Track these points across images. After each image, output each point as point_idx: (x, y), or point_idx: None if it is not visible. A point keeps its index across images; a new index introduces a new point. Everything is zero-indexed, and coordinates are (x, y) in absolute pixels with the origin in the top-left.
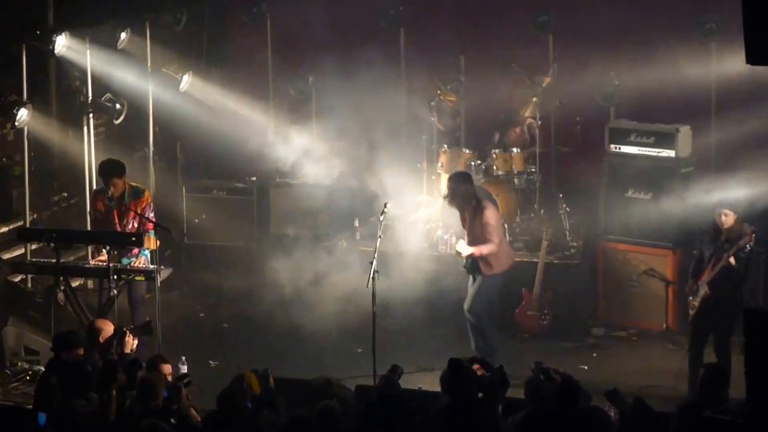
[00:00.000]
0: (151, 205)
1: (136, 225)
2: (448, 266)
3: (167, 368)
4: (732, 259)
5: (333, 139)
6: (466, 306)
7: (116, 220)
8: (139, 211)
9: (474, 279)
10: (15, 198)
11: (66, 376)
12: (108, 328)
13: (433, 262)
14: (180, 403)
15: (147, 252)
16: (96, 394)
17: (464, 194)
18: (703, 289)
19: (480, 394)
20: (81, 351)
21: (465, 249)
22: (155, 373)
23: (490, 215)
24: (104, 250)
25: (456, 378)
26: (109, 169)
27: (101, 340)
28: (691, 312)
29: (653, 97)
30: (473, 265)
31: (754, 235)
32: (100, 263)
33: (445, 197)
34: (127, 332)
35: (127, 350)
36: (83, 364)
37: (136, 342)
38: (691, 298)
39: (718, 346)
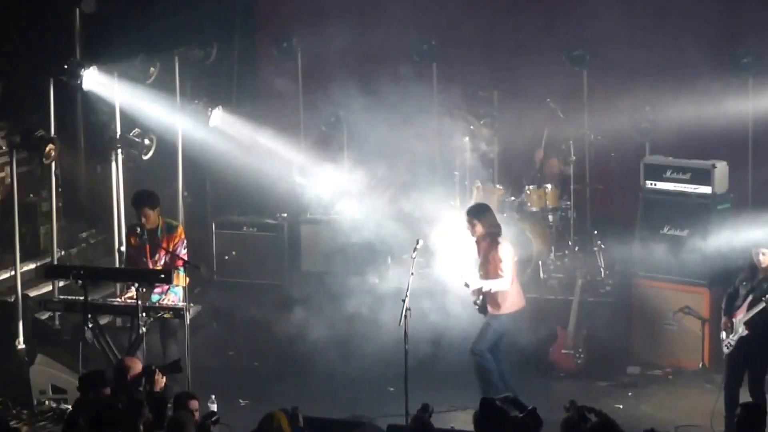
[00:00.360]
0: (184, 241)
1: (167, 260)
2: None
3: (194, 404)
4: None
5: (364, 175)
6: (470, 346)
7: (148, 255)
8: (171, 247)
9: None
10: (42, 234)
11: (94, 416)
12: (136, 367)
13: (464, 299)
14: None
15: (177, 289)
16: None
17: (487, 226)
18: (741, 328)
19: None
20: (108, 390)
21: (474, 282)
22: (184, 412)
23: (505, 252)
24: (132, 287)
25: (487, 417)
26: (142, 199)
27: (129, 378)
28: (726, 350)
29: (689, 133)
30: (484, 303)
31: None
32: (129, 300)
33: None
34: (156, 370)
35: (156, 388)
36: (111, 404)
37: (164, 380)
38: (725, 335)
39: (754, 385)
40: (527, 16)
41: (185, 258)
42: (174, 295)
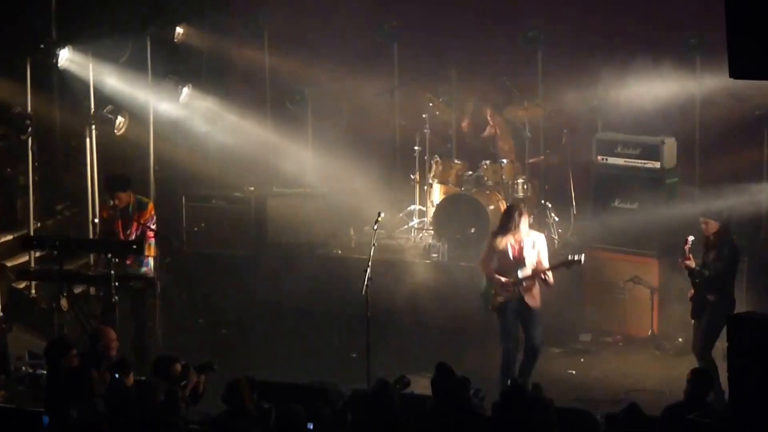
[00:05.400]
0: (154, 217)
1: (138, 235)
2: (439, 274)
3: (177, 368)
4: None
5: (328, 150)
6: (535, 343)
7: (120, 230)
8: (142, 222)
9: (510, 317)
10: (19, 207)
11: (69, 383)
12: (110, 335)
13: (425, 270)
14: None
15: (150, 260)
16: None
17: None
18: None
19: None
20: (74, 354)
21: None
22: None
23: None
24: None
25: (442, 382)
26: (112, 184)
27: (107, 346)
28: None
29: (640, 110)
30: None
31: None
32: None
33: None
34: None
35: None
36: (86, 372)
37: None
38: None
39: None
40: None
41: (156, 230)
42: (148, 267)
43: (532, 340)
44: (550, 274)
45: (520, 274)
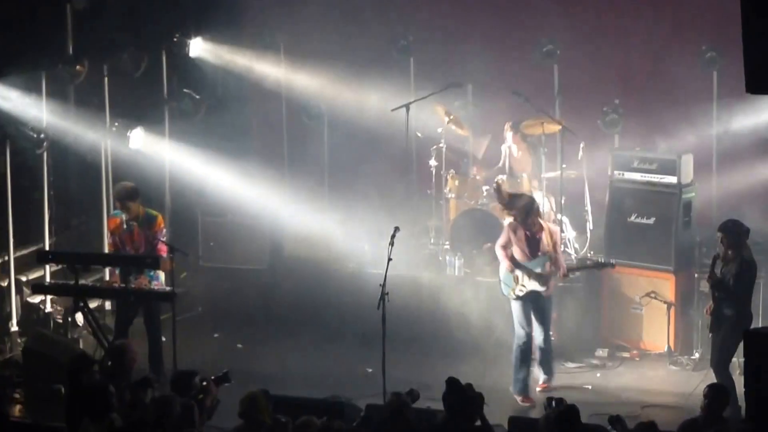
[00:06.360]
0: (164, 230)
1: (147, 248)
2: (454, 289)
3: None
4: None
5: (344, 164)
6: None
7: (128, 242)
8: (153, 232)
9: (529, 305)
10: (34, 221)
11: (89, 399)
12: (131, 349)
13: (441, 284)
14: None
15: (161, 275)
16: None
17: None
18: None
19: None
20: (96, 371)
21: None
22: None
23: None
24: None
25: (453, 397)
26: (122, 194)
27: (128, 360)
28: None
29: (656, 125)
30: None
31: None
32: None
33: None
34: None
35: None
36: (106, 388)
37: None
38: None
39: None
40: (500, 12)
41: (169, 244)
42: (158, 281)
43: (546, 329)
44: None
45: (536, 265)
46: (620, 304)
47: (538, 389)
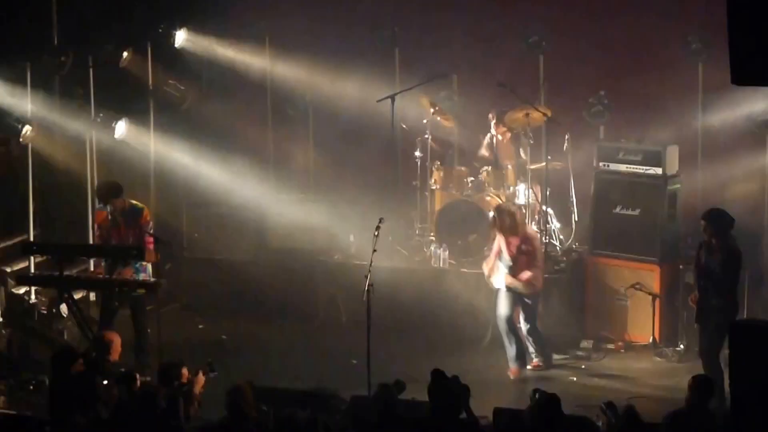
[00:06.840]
0: (150, 222)
1: (134, 240)
2: (439, 280)
3: (185, 372)
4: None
5: (329, 156)
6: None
7: (116, 235)
8: (140, 224)
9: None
10: (19, 212)
11: (75, 390)
12: (117, 340)
13: (426, 276)
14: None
15: (148, 267)
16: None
17: (510, 224)
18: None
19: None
20: (80, 364)
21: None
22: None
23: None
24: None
25: (438, 389)
26: (105, 192)
27: (111, 351)
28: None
29: (642, 117)
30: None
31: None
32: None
33: (495, 226)
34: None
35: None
36: (92, 379)
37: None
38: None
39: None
40: (485, 2)
41: (154, 235)
42: (145, 274)
43: (531, 322)
44: (525, 275)
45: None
46: (605, 295)
47: (529, 367)
